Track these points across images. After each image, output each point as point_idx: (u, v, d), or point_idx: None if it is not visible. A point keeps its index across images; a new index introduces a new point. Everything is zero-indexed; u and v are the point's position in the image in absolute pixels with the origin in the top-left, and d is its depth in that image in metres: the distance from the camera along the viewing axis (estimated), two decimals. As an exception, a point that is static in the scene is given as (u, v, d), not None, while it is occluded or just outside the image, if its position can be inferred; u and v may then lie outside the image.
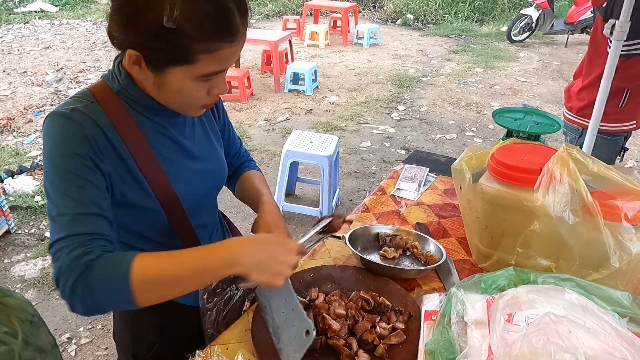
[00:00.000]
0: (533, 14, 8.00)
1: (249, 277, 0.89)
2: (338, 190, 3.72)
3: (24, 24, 8.66)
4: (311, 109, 5.52)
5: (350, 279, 1.26)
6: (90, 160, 0.90)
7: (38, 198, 3.62)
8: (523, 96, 6.03)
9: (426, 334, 1.03)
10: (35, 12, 9.36)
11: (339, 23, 8.41)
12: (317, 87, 6.14)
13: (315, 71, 6.07)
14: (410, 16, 9.86)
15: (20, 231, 3.30)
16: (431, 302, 1.12)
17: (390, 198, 1.72)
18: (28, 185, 3.71)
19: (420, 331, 1.06)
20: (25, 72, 6.30)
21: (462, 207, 1.45)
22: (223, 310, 1.22)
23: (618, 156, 2.52)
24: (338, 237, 1.44)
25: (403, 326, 1.09)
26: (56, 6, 9.87)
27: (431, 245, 1.39)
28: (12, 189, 3.70)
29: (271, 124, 5.12)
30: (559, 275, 1.05)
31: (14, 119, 4.97)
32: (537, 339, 0.81)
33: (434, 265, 1.29)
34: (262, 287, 1.13)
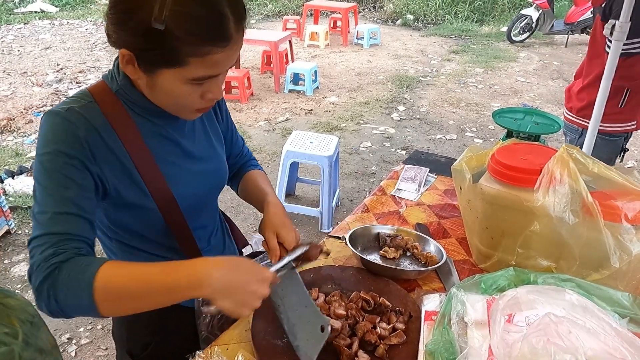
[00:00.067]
0: (533, 14, 8.01)
1: (214, 302, 0.85)
2: (338, 190, 3.72)
3: (24, 25, 8.67)
4: (311, 110, 5.52)
5: (350, 280, 1.26)
6: (78, 160, 0.90)
7: (38, 198, 3.62)
8: (523, 96, 6.03)
9: (426, 335, 1.03)
10: (35, 13, 9.36)
11: (339, 23, 8.41)
12: (317, 88, 6.14)
13: (315, 71, 6.07)
14: (410, 16, 9.86)
15: (20, 231, 3.30)
16: (431, 303, 1.12)
17: (390, 198, 1.72)
18: (28, 185, 3.71)
19: (420, 332, 1.06)
20: (25, 73, 6.31)
21: (462, 208, 1.45)
22: (218, 313, 1.21)
23: (618, 157, 2.52)
24: (338, 238, 1.45)
25: (403, 326, 1.09)
26: (56, 6, 9.88)
27: (431, 245, 1.39)
28: (12, 190, 3.70)
29: (271, 125, 5.12)
30: (559, 275, 1.05)
31: (14, 119, 4.98)
32: (538, 340, 0.81)
33: (435, 266, 1.29)
34: (275, 287, 1.13)
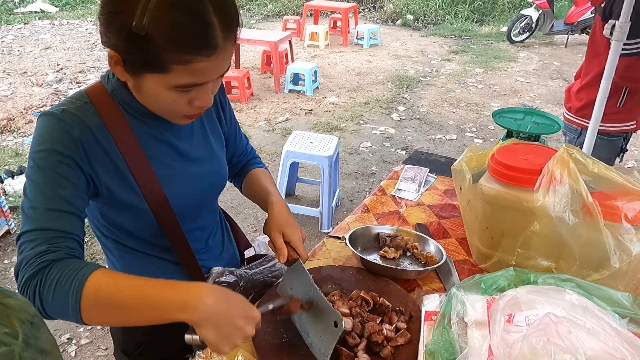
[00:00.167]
0: (533, 15, 8.01)
1: (199, 330, 0.82)
2: (338, 190, 3.72)
3: (24, 25, 8.67)
4: (311, 110, 5.52)
5: (350, 280, 1.26)
6: (72, 160, 0.90)
7: (38, 198, 3.62)
8: (523, 97, 6.04)
9: (426, 335, 1.03)
10: (35, 13, 9.37)
11: (339, 23, 8.41)
12: (317, 88, 6.14)
13: (315, 72, 6.07)
14: (410, 17, 9.86)
15: (19, 231, 3.30)
16: (431, 303, 1.12)
17: (390, 198, 1.72)
18: (28, 185, 3.71)
19: (420, 332, 1.06)
20: (25, 73, 6.31)
21: (462, 208, 1.45)
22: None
23: (617, 157, 2.52)
24: (338, 238, 1.45)
25: (406, 326, 1.09)
26: (56, 6, 9.88)
27: (431, 245, 1.39)
28: (12, 190, 3.70)
29: (271, 125, 5.12)
30: (559, 275, 1.05)
31: (14, 119, 4.98)
32: (538, 340, 0.81)
33: (435, 266, 1.29)
34: (284, 285, 1.12)
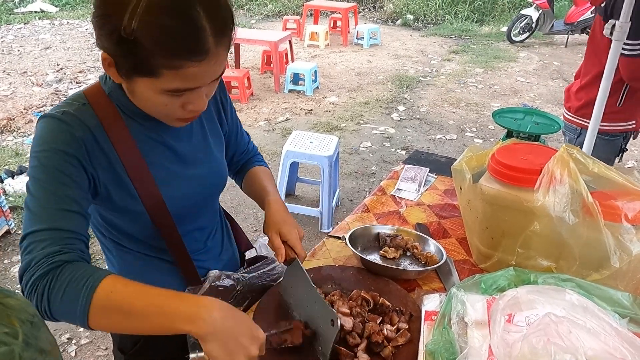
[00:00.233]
0: (533, 15, 8.01)
1: (204, 344, 0.81)
2: (338, 190, 3.72)
3: (24, 24, 8.67)
4: (311, 110, 5.52)
5: (350, 280, 1.26)
6: (76, 159, 0.90)
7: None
8: (523, 96, 6.03)
9: (426, 335, 1.03)
10: (35, 13, 9.37)
11: (339, 23, 8.41)
12: (317, 88, 6.14)
13: (315, 71, 6.07)
14: (410, 16, 9.86)
15: (20, 231, 3.30)
16: (431, 303, 1.12)
17: (390, 198, 1.72)
18: (28, 185, 3.71)
19: (420, 332, 1.06)
20: (25, 73, 6.30)
21: (462, 208, 1.45)
22: None
23: (617, 157, 2.51)
24: (338, 238, 1.44)
25: (407, 326, 1.09)
26: (56, 6, 9.88)
27: (431, 245, 1.39)
28: (12, 189, 3.70)
29: (271, 125, 5.12)
30: (560, 275, 1.05)
31: (14, 119, 4.98)
32: (538, 340, 0.81)
33: (435, 266, 1.29)
34: (285, 284, 1.13)
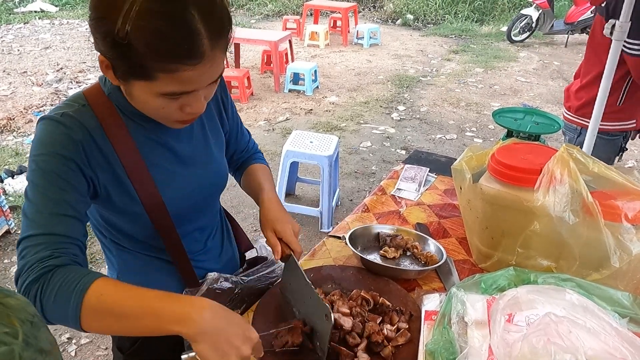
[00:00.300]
0: (533, 14, 8.01)
1: (194, 345, 0.81)
2: (338, 190, 3.72)
3: (24, 24, 8.67)
4: (311, 109, 5.52)
5: (350, 279, 1.26)
6: (74, 163, 0.90)
7: (38, 198, 3.62)
8: (523, 96, 6.03)
9: (426, 334, 1.03)
10: (35, 12, 9.36)
11: (339, 23, 8.41)
12: (317, 87, 6.14)
13: (315, 71, 6.07)
14: (410, 16, 9.86)
15: (20, 231, 3.30)
16: (431, 302, 1.12)
17: (390, 198, 1.72)
18: (28, 185, 3.71)
19: (420, 331, 1.06)
20: (25, 72, 6.30)
21: (462, 207, 1.45)
22: None
23: (617, 156, 2.51)
24: (338, 237, 1.45)
25: (407, 326, 1.09)
26: (56, 6, 9.88)
27: (431, 245, 1.39)
28: (12, 189, 3.70)
29: (271, 124, 5.12)
30: (559, 275, 1.05)
31: (14, 119, 4.98)
32: (538, 339, 0.81)
33: (435, 265, 1.29)
34: (284, 282, 1.14)
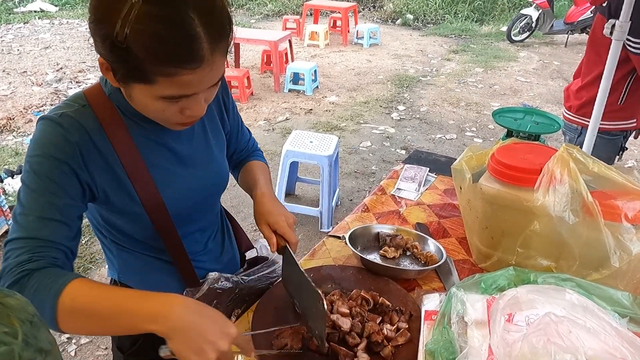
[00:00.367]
0: (533, 14, 8.01)
1: (169, 342, 0.80)
2: (338, 190, 3.72)
3: (24, 24, 8.66)
4: (311, 109, 5.52)
5: (350, 279, 1.26)
6: (67, 166, 0.89)
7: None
8: (523, 96, 6.03)
9: (426, 334, 1.03)
10: (35, 12, 9.36)
11: (339, 23, 8.41)
12: (317, 87, 6.14)
13: (315, 71, 6.07)
14: (410, 16, 9.86)
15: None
16: (431, 302, 1.12)
17: (390, 198, 1.72)
18: (28, 185, 3.71)
19: (420, 331, 1.06)
20: (25, 72, 6.30)
21: (462, 207, 1.45)
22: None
23: (617, 156, 2.51)
24: (338, 237, 1.45)
25: (407, 326, 1.09)
26: (56, 6, 9.87)
27: (431, 245, 1.39)
28: (12, 189, 3.69)
29: (271, 124, 5.12)
30: (559, 275, 1.05)
31: (14, 119, 4.97)
32: (538, 339, 0.81)
33: (434, 265, 1.29)
34: (285, 275, 1.14)
